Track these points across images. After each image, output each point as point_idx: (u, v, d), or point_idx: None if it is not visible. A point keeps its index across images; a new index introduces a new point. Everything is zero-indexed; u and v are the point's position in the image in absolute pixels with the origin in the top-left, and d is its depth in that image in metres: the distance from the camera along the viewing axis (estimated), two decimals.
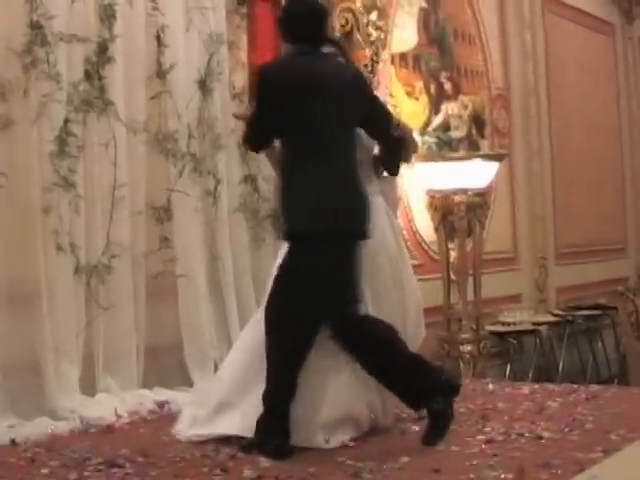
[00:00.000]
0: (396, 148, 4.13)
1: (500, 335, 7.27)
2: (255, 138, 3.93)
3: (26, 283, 4.38)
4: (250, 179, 5.26)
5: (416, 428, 3.98)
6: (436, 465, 3.39)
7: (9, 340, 4.30)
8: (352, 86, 3.84)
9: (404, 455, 3.54)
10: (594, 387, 4.99)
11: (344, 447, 3.72)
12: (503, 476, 3.20)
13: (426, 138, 7.15)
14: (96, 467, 3.53)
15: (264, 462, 3.50)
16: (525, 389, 4.95)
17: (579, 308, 8.56)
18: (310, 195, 3.68)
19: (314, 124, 3.73)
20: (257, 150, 4.07)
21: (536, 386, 5.12)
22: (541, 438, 3.78)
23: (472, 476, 3.24)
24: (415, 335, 4.30)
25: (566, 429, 3.92)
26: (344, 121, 3.79)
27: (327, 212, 3.67)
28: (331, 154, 3.73)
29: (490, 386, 5.09)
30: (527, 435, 3.83)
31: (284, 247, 3.87)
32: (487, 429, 3.98)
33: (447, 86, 7.47)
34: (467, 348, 6.53)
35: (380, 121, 4.01)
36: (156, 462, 3.58)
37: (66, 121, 4.42)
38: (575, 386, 5.04)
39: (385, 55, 6.52)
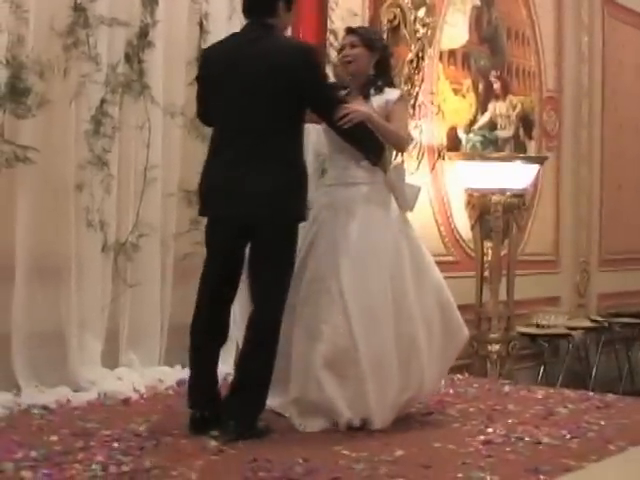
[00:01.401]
0: (348, 135, 3.94)
1: (532, 337, 7.27)
2: (199, 116, 4.07)
3: (56, 257, 4.53)
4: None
5: (424, 421, 4.08)
6: (428, 461, 3.45)
7: (37, 310, 4.45)
8: (284, 69, 3.70)
9: (400, 449, 3.60)
10: (610, 396, 4.97)
11: (343, 436, 3.79)
12: (489, 478, 3.25)
13: (471, 136, 7.17)
14: (102, 438, 3.66)
15: (261, 446, 3.60)
16: (539, 393, 4.96)
17: (619, 315, 8.51)
18: (207, 180, 3.84)
19: (229, 109, 3.77)
20: (209, 125, 4.09)
21: (551, 391, 5.13)
22: (539, 443, 3.80)
23: (460, 475, 3.28)
24: (451, 338, 4.21)
25: (567, 436, 3.93)
26: (267, 105, 3.69)
27: (213, 197, 3.81)
28: (242, 140, 3.71)
29: (506, 388, 5.10)
30: (527, 439, 3.85)
31: None
32: (489, 430, 4.01)
33: (496, 85, 7.47)
34: (495, 348, 6.56)
35: (320, 107, 3.89)
36: (160, 438, 3.69)
37: (102, 102, 4.56)
38: (591, 394, 5.04)
39: (432, 52, 6.54)
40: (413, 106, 6.31)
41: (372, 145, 4.04)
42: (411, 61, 6.24)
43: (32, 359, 4.41)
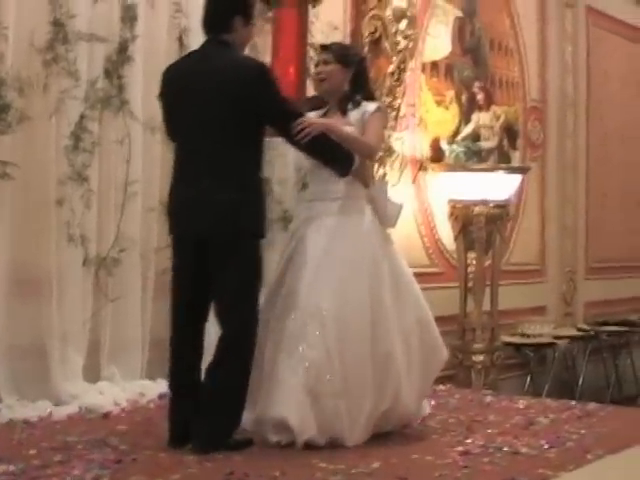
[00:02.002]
0: (308, 149, 3.91)
1: (517, 347, 7.30)
2: (167, 134, 4.08)
3: (38, 271, 4.56)
4: (264, 182, 5.36)
5: (403, 433, 4.08)
6: (405, 473, 3.46)
7: (18, 324, 4.49)
8: (235, 85, 3.68)
9: (378, 461, 3.61)
10: (592, 405, 4.99)
11: (321, 449, 3.77)
12: None
13: (454, 147, 7.20)
14: (81, 452, 3.67)
15: (239, 459, 3.61)
16: (521, 403, 4.98)
17: (607, 324, 8.54)
18: (170, 198, 3.86)
19: (186, 126, 3.80)
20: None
21: (533, 401, 5.16)
22: (517, 453, 3.82)
23: None
24: (430, 358, 4.17)
25: (546, 446, 3.95)
26: (221, 122, 3.70)
27: (174, 216, 3.84)
28: (198, 157, 3.73)
29: (488, 398, 5.12)
30: (505, 449, 3.86)
31: None
32: (468, 441, 4.02)
33: (479, 96, 7.49)
34: (479, 358, 6.58)
35: (276, 122, 3.84)
36: (139, 451, 3.70)
37: (82, 117, 4.60)
38: (572, 403, 5.06)
39: (413, 64, 6.57)
40: (395, 118, 6.34)
41: (337, 157, 3.97)
42: (392, 73, 6.27)
43: (14, 373, 4.44)
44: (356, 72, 4.16)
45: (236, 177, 3.72)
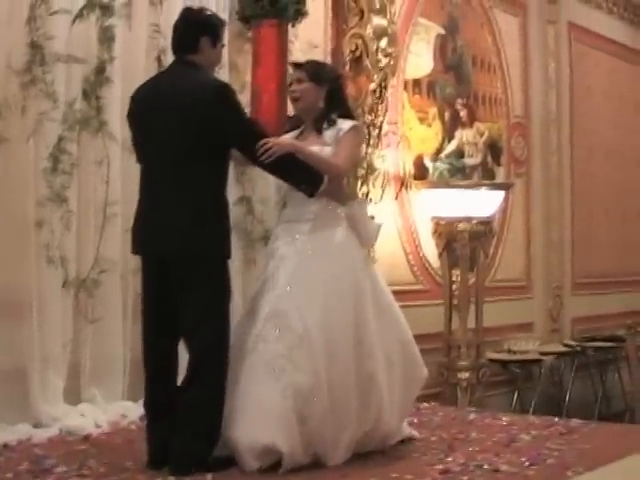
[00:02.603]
0: (273, 170, 3.91)
1: (503, 363, 7.28)
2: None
3: (17, 293, 4.53)
4: (245, 200, 5.37)
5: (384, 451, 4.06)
6: None
7: None
8: (196, 106, 3.65)
9: None
10: (575, 421, 4.98)
11: (301, 467, 3.73)
12: None
13: (438, 164, 7.22)
14: (59, 475, 3.66)
15: (217, 478, 3.59)
16: (504, 420, 4.96)
17: (595, 339, 8.53)
18: (134, 222, 3.87)
19: (148, 148, 3.82)
20: None
21: (516, 417, 5.14)
22: (497, 471, 3.79)
23: None
24: (411, 377, 4.17)
25: (526, 463, 3.93)
26: (182, 143, 3.68)
27: (138, 237, 3.85)
28: (159, 179, 3.74)
29: (471, 415, 5.10)
30: (485, 467, 3.84)
31: None
32: (449, 459, 3.99)
33: (462, 113, 7.53)
34: (465, 375, 6.57)
35: (238, 142, 3.80)
36: (117, 474, 3.69)
37: (60, 139, 4.59)
38: (556, 419, 5.04)
39: (395, 81, 6.59)
40: (378, 136, 6.34)
41: (304, 177, 3.92)
42: (374, 91, 6.28)
43: None
44: (331, 90, 4.12)
45: (197, 198, 3.70)
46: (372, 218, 4.40)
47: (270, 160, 3.76)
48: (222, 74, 5.29)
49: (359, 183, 6.18)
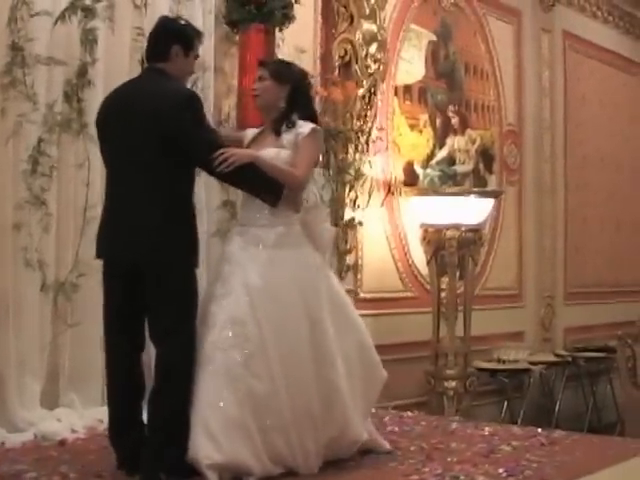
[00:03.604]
0: (230, 180, 3.88)
1: (492, 372, 7.23)
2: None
3: None
4: (229, 204, 5.32)
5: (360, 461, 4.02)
6: None
7: None
8: (156, 113, 3.61)
9: None
10: (558, 433, 4.93)
11: (274, 478, 3.70)
12: None
13: (428, 171, 7.18)
14: None
15: None
16: (486, 430, 4.90)
17: (586, 349, 8.47)
18: (100, 228, 3.84)
19: (107, 158, 3.82)
20: None
21: (499, 427, 5.09)
22: None
23: None
24: (370, 379, 4.13)
25: (504, 474, 3.89)
26: (143, 151, 3.63)
27: (102, 243, 3.82)
28: (122, 188, 3.70)
29: (453, 425, 5.06)
30: (461, 478, 3.80)
31: None
32: (425, 469, 3.94)
33: (454, 120, 7.49)
34: (452, 384, 6.51)
35: (194, 151, 3.69)
36: (89, 479, 3.67)
37: (40, 141, 4.56)
38: (538, 430, 4.97)
39: (384, 87, 6.56)
40: (366, 142, 6.31)
41: (264, 186, 3.85)
42: (363, 97, 6.26)
43: None
44: (293, 90, 4.02)
45: (162, 206, 3.64)
46: (328, 223, 4.32)
47: (227, 170, 3.69)
48: (207, 78, 5.27)
49: (347, 189, 6.14)
